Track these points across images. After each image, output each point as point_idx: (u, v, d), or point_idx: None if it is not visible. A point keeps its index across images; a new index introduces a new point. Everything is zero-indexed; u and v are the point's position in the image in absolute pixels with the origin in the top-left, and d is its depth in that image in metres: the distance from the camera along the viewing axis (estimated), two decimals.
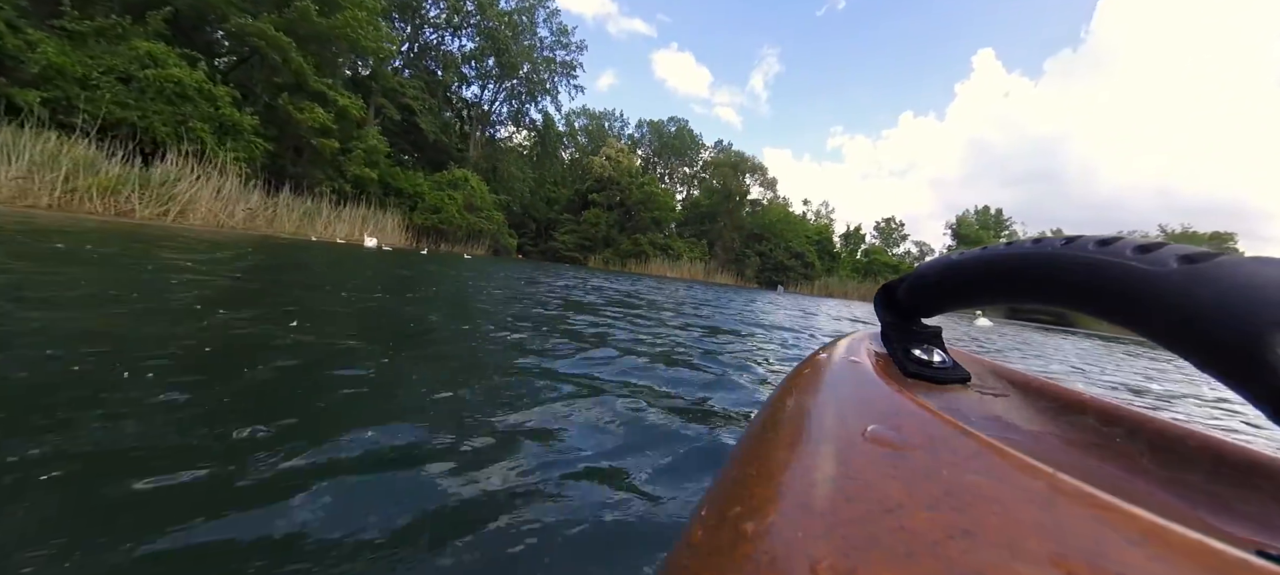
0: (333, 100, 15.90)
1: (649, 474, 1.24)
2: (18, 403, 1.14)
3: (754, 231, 39.36)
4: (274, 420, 1.21)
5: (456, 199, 23.92)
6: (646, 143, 46.39)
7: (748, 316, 6.75)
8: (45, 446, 0.96)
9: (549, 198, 37.69)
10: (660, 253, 35.88)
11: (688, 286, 16.96)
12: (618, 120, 46.84)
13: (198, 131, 12.50)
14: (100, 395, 1.22)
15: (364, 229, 11.25)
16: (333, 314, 2.87)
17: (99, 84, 11.30)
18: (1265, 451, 0.30)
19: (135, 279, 3.07)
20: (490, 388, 1.79)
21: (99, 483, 0.88)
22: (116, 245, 4.68)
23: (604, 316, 4.47)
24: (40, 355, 1.43)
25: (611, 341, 3.09)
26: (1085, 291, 0.26)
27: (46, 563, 0.69)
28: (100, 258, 3.72)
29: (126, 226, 7.79)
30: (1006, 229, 54.05)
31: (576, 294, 6.94)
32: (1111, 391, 3.94)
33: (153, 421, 1.13)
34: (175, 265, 3.86)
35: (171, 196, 10.39)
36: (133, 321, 1.96)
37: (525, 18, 31.65)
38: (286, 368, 1.67)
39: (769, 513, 0.21)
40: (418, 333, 2.68)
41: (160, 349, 1.64)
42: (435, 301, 4.19)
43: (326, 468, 1.03)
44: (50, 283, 2.47)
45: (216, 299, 2.74)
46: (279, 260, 5.88)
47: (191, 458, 1.00)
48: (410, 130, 27.58)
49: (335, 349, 2.00)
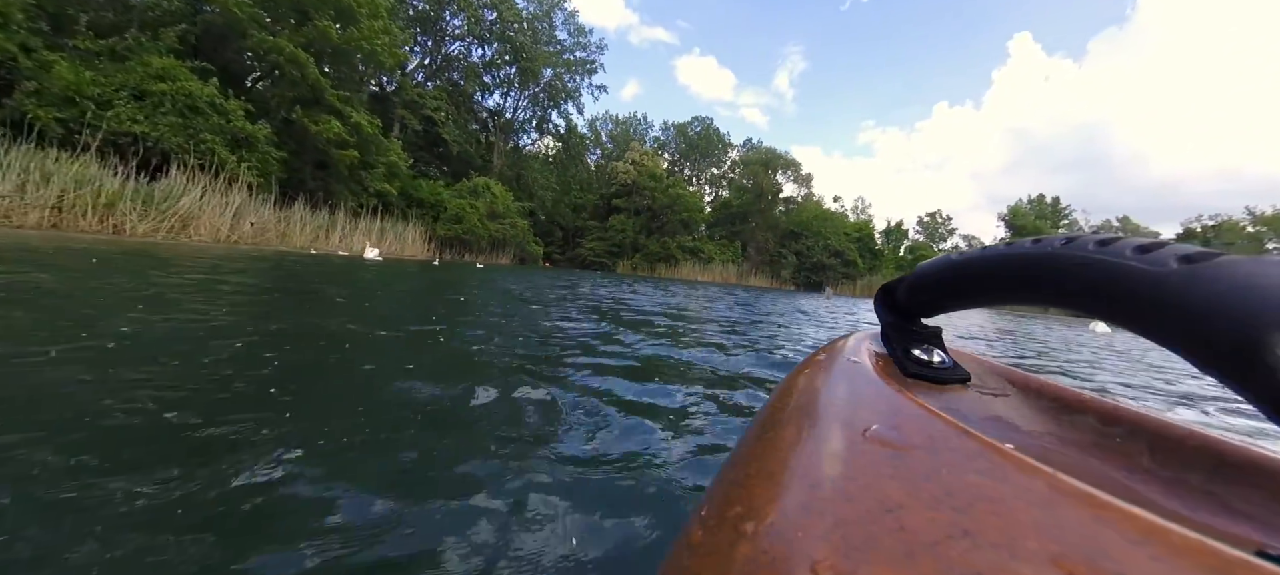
0: (348, 115, 15.50)
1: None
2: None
3: (789, 230, 37.46)
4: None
5: (478, 208, 23.35)
6: (672, 145, 45.21)
7: (824, 337, 5.54)
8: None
9: (575, 204, 37.01)
10: (690, 256, 34.52)
11: (726, 292, 15.74)
12: (642, 124, 45.95)
13: (209, 143, 12.18)
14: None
15: (366, 241, 10.51)
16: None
17: (113, 101, 11.08)
18: (1265, 451, 0.30)
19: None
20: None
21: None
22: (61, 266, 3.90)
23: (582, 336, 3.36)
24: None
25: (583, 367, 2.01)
26: (1085, 291, 0.26)
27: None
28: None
29: (112, 244, 7.23)
30: (1065, 218, 50.02)
31: (569, 318, 5.86)
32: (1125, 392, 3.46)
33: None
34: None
35: (173, 212, 9.94)
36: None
37: (544, 23, 31.19)
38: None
39: (769, 513, 0.21)
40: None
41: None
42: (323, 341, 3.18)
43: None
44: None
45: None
46: (255, 280, 5.05)
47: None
48: (434, 142, 27.42)
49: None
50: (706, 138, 44.53)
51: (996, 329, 10.28)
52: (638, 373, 2.37)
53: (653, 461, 1.34)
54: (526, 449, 1.34)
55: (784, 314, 7.62)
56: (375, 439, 1.30)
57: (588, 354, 2.72)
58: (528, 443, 1.39)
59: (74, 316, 2.24)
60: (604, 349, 2.91)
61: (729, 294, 13.12)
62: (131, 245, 7.15)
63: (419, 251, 19.38)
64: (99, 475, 0.98)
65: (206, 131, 12.35)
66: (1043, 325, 14.61)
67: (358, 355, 2.15)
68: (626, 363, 2.57)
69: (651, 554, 0.89)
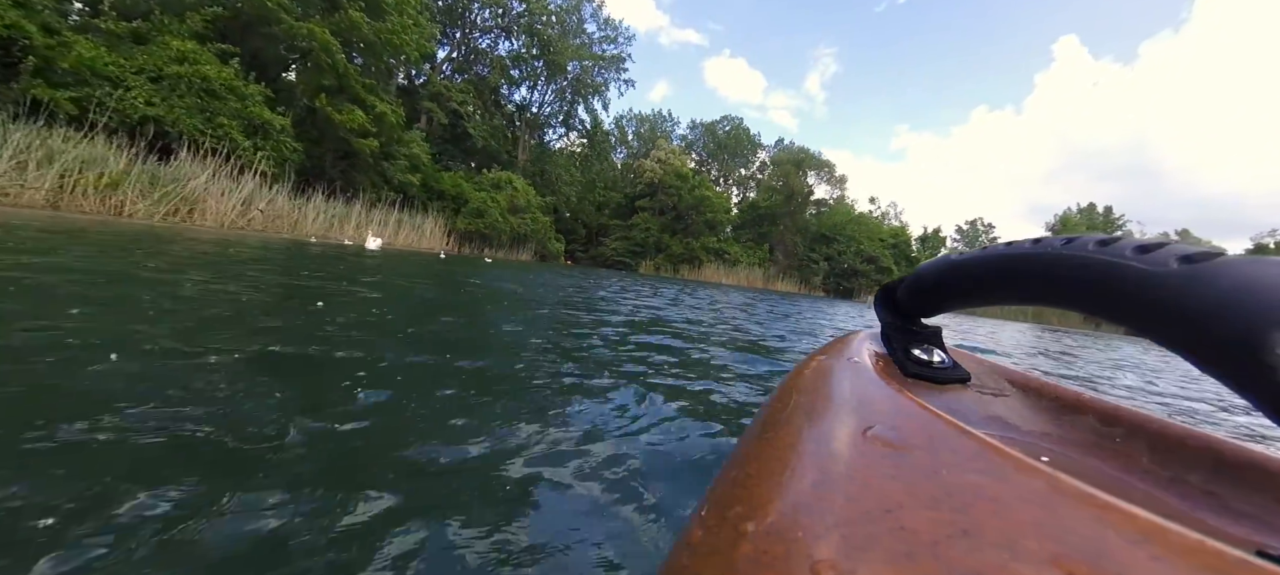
0: (371, 105, 15.21)
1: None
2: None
3: (820, 234, 35.95)
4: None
5: (499, 201, 22.94)
6: (699, 144, 44.13)
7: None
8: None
9: (599, 202, 36.40)
10: (714, 258, 33.44)
11: (755, 298, 14.81)
12: (668, 121, 45.04)
13: (225, 128, 11.99)
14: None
15: (368, 231, 9.98)
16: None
17: (130, 84, 10.96)
18: (1265, 451, 0.30)
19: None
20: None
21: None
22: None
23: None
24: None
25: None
26: (1085, 292, 0.26)
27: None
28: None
29: (112, 226, 6.88)
30: (1119, 228, 46.93)
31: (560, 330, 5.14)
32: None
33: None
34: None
35: (179, 195, 9.67)
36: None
37: (572, 16, 30.70)
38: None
39: (769, 513, 0.21)
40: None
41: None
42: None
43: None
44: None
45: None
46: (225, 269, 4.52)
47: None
48: (460, 136, 27.24)
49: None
50: (736, 137, 43.29)
51: (1057, 350, 8.82)
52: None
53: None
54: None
55: (837, 330, 6.69)
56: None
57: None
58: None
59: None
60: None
61: (760, 300, 12.20)
62: (125, 227, 6.80)
63: (435, 243, 19.05)
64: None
65: (223, 115, 12.17)
66: (1136, 346, 12.94)
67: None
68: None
69: (651, 554, 0.90)
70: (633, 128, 43.76)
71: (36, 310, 1.91)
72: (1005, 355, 5.95)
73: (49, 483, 0.85)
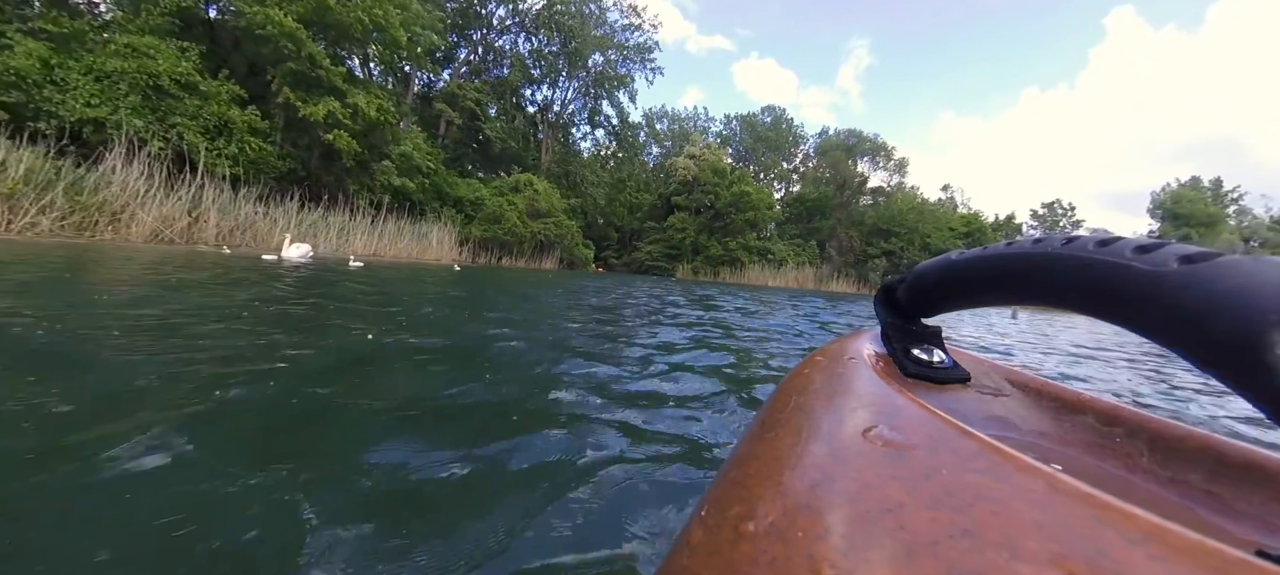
0: (347, 95, 13.27)
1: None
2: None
3: (877, 226, 32.00)
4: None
5: (517, 205, 20.84)
6: (736, 140, 40.94)
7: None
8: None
9: (632, 205, 33.93)
10: (757, 258, 30.23)
11: (804, 301, 11.88)
12: (703, 118, 42.19)
13: (180, 127, 10.33)
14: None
15: (286, 235, 7.86)
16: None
17: (73, 84, 9.46)
18: (1265, 451, 0.30)
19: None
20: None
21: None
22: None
23: None
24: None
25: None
26: (1085, 291, 0.26)
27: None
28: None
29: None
30: (1233, 202, 39.91)
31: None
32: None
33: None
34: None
35: (96, 204, 7.91)
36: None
37: (593, 5, 28.52)
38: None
39: (769, 513, 0.20)
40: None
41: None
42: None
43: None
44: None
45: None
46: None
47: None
48: (478, 140, 25.54)
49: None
50: (777, 129, 39.87)
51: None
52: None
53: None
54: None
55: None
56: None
57: None
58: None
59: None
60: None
61: (805, 305, 9.30)
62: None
63: (444, 254, 17.11)
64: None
65: (178, 115, 10.53)
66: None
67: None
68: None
69: (651, 554, 0.88)
70: (664, 125, 41.23)
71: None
72: (1001, 350, 4.79)
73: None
